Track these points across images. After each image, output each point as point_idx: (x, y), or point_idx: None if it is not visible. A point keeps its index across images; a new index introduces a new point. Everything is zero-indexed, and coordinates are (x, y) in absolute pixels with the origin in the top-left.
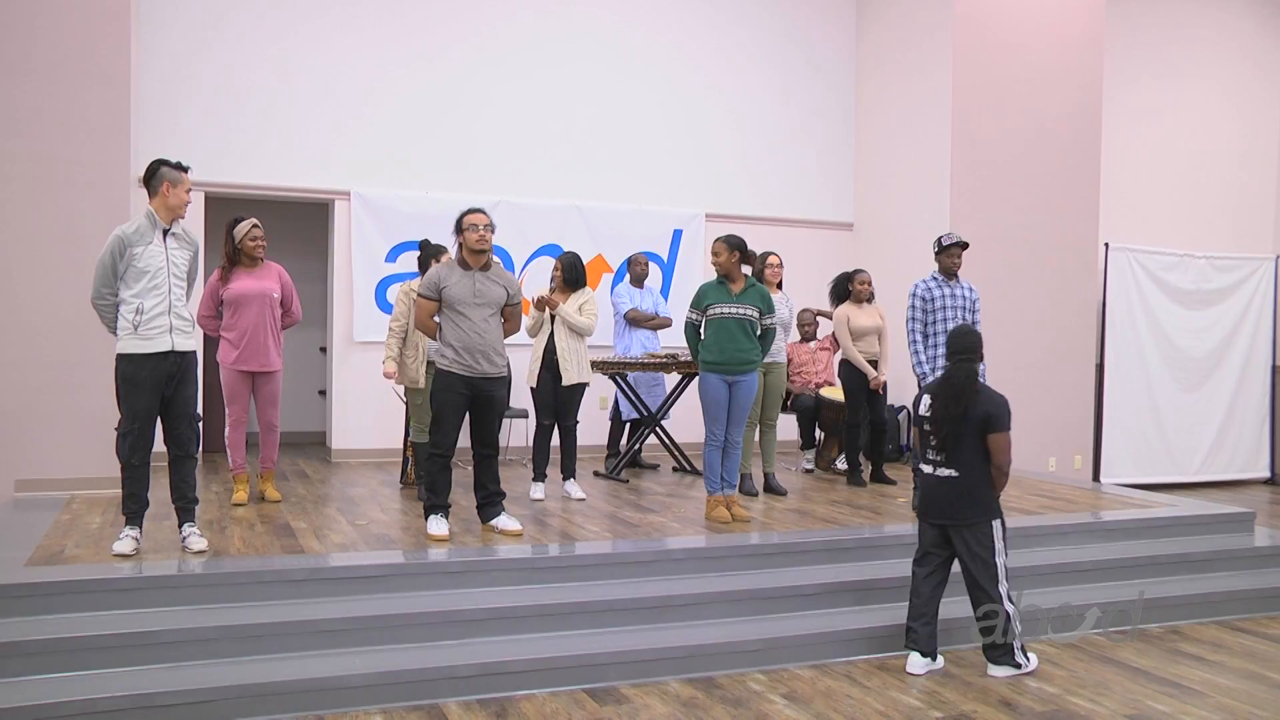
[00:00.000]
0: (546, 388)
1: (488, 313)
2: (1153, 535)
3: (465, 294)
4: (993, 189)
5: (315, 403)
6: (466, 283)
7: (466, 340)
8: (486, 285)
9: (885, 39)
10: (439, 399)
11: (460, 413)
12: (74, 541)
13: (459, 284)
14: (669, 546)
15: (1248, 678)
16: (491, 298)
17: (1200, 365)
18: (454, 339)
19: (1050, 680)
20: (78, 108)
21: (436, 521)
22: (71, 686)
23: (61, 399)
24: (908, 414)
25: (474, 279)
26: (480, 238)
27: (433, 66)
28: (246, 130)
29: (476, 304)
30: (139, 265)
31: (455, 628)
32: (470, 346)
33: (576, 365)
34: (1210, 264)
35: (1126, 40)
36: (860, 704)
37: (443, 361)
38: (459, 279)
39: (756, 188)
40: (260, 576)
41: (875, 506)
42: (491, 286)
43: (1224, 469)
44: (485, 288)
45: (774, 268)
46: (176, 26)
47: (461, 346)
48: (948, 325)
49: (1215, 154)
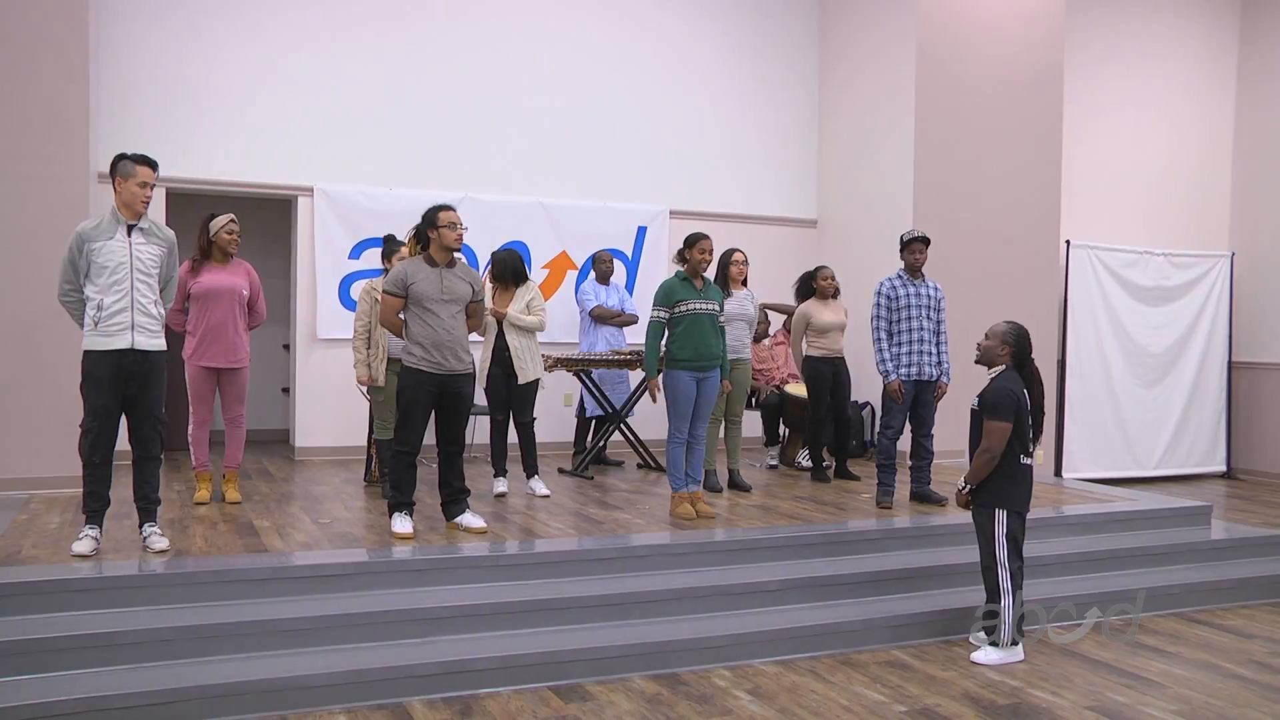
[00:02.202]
0: (499, 384)
1: (455, 309)
2: (1113, 529)
3: (433, 290)
4: (955, 187)
5: (278, 400)
6: (434, 279)
7: (435, 337)
8: (453, 282)
9: (848, 37)
10: (406, 397)
11: (427, 410)
12: (32, 541)
13: (426, 280)
14: (634, 543)
15: (1204, 668)
16: (458, 294)
17: (1159, 361)
18: (422, 336)
19: (1012, 673)
20: (37, 103)
21: (401, 520)
22: (30, 689)
23: (19, 397)
24: (871, 410)
25: (441, 275)
26: (459, 236)
27: (396, 62)
28: (208, 126)
29: (444, 300)
30: (99, 261)
31: (419, 626)
32: (439, 343)
33: (531, 362)
34: (1169, 261)
35: (1087, 40)
36: (825, 699)
37: (410, 359)
38: (426, 275)
39: (720, 185)
40: (223, 576)
41: (839, 502)
42: (458, 283)
43: (1182, 463)
44: (452, 284)
45: (739, 265)
46: (137, 21)
47: (430, 344)
48: (912, 324)
49: (1172, 152)
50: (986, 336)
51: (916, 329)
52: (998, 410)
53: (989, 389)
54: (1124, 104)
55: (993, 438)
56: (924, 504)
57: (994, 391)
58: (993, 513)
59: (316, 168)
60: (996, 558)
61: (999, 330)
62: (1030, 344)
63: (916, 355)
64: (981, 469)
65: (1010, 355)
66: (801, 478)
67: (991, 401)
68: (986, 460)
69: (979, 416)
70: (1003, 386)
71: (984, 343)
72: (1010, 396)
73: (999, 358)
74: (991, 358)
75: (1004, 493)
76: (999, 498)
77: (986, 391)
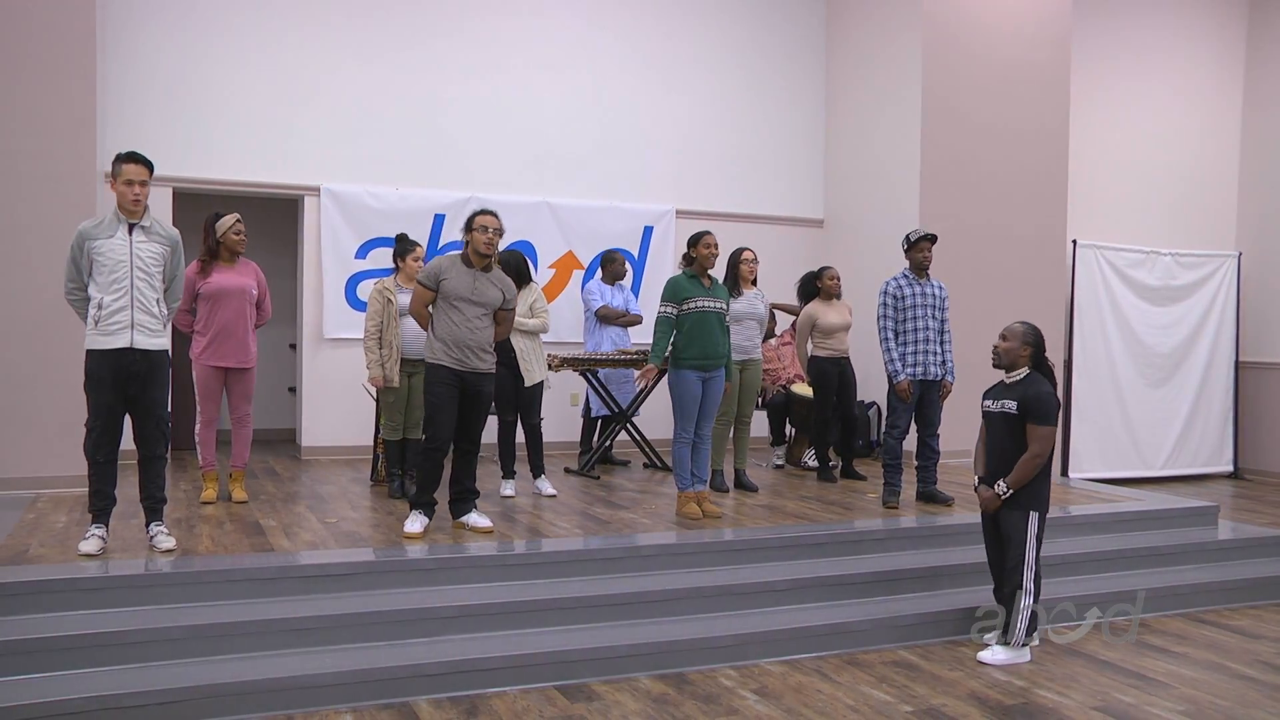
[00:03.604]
0: (506, 384)
1: (480, 312)
2: (1120, 529)
3: (463, 290)
4: (962, 186)
5: (285, 400)
6: (466, 279)
7: (456, 335)
8: (485, 286)
9: (855, 36)
10: (432, 393)
11: (454, 404)
12: (39, 541)
13: (459, 279)
14: (640, 543)
15: (1211, 669)
16: (487, 299)
17: (1166, 361)
18: (444, 333)
19: (1019, 674)
20: (45, 102)
21: (414, 519)
22: (37, 688)
23: (27, 396)
24: (878, 410)
25: (474, 277)
26: (488, 240)
27: (403, 62)
28: (216, 125)
29: (472, 302)
30: (99, 260)
31: (426, 625)
32: (460, 341)
33: (536, 364)
34: (1176, 260)
35: (1093, 39)
36: (831, 699)
37: (432, 355)
38: (459, 274)
39: (726, 184)
40: (229, 575)
41: (845, 502)
42: (489, 288)
43: (1189, 463)
44: (483, 288)
45: (748, 263)
46: (145, 20)
47: (451, 341)
48: (918, 323)
49: (1179, 152)
50: (1004, 338)
51: (921, 329)
52: (1048, 416)
53: (1033, 394)
54: (1131, 104)
55: (1044, 443)
56: (930, 504)
57: (1042, 397)
58: (1027, 514)
59: (323, 168)
60: (1025, 559)
61: (1018, 331)
62: (1045, 343)
63: (921, 355)
64: (1028, 473)
65: (1030, 356)
66: (808, 478)
67: (1041, 408)
68: (1035, 465)
69: (1018, 420)
70: (1047, 392)
71: (1002, 345)
72: (1056, 401)
73: (1020, 359)
74: (1013, 359)
75: (1040, 496)
76: (1036, 501)
77: (1032, 397)
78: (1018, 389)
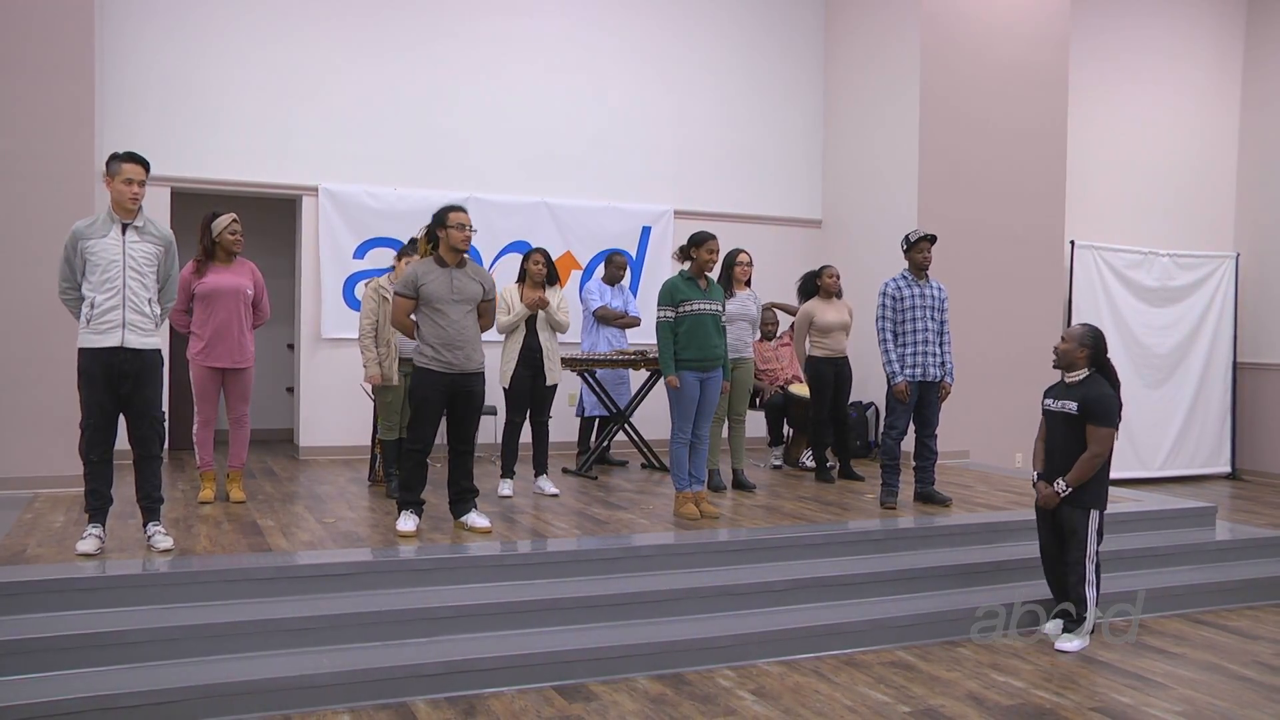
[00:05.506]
0: (524, 385)
1: (465, 309)
2: (1118, 530)
3: (443, 291)
4: (960, 187)
5: (283, 400)
6: (444, 279)
7: (446, 337)
8: (464, 282)
9: (853, 36)
10: (418, 396)
11: (439, 410)
12: (36, 541)
13: (437, 281)
14: (637, 543)
15: (1209, 669)
16: (469, 294)
17: (1164, 362)
18: (433, 337)
19: (1016, 674)
20: (43, 102)
21: (406, 518)
22: (34, 688)
23: (24, 396)
24: (875, 410)
25: (451, 275)
26: (466, 237)
27: (401, 61)
28: (214, 125)
29: (454, 300)
30: (92, 259)
31: (423, 625)
32: (450, 342)
33: (557, 363)
34: (1173, 261)
35: (1092, 39)
36: (828, 700)
37: (421, 359)
38: (436, 276)
39: (725, 185)
40: (227, 575)
41: (843, 502)
42: (468, 283)
43: (1187, 464)
44: (463, 284)
45: (743, 265)
46: (142, 20)
47: (441, 343)
48: (917, 324)
49: (1177, 153)
50: (1063, 340)
51: (920, 329)
52: (1108, 417)
53: (1094, 396)
54: (1129, 104)
55: (1103, 443)
56: (928, 504)
57: (1103, 399)
58: (1089, 512)
59: (321, 167)
60: (1087, 554)
61: (1076, 333)
62: (1106, 344)
63: (920, 356)
64: (1087, 472)
65: (1088, 358)
66: (805, 478)
67: (1102, 410)
68: (1095, 464)
69: (1079, 421)
70: (1110, 394)
71: (1061, 346)
72: (1117, 403)
73: (1078, 360)
74: (1070, 360)
75: (1100, 494)
76: (1097, 500)
77: (1093, 399)
78: (1078, 390)
